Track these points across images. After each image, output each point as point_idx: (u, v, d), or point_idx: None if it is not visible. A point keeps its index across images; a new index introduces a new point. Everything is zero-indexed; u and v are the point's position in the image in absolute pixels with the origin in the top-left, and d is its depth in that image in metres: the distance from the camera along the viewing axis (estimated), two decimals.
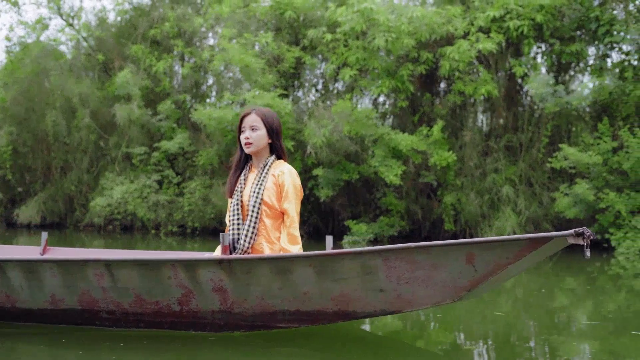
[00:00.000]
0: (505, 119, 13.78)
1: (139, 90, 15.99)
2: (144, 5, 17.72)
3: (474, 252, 3.74)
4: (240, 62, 13.84)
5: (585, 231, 3.46)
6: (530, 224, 12.58)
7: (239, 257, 4.05)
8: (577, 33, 13.18)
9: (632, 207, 11.50)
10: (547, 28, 12.84)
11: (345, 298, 4.02)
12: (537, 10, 12.60)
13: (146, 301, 4.28)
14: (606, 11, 12.67)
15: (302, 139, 13.65)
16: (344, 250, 3.93)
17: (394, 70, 13.40)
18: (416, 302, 3.95)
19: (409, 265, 3.85)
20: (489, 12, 12.70)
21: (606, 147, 11.93)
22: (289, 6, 14.43)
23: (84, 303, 4.41)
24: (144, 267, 4.20)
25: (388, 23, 12.75)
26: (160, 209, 15.61)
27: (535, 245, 3.63)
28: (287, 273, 4.01)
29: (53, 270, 4.37)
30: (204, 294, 4.16)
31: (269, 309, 4.14)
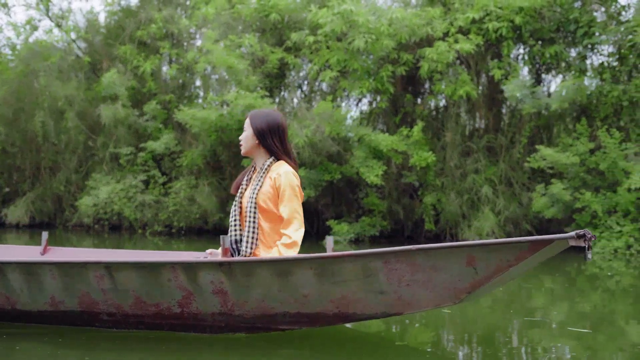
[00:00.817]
0: (486, 120, 13.97)
1: (126, 90, 16.12)
2: (132, 7, 17.84)
3: (474, 255, 3.73)
4: (223, 63, 13.97)
5: (586, 233, 3.46)
6: (509, 223, 12.76)
7: (239, 260, 4.05)
8: (556, 35, 13.35)
9: (609, 207, 11.65)
10: (526, 30, 13.01)
11: (346, 300, 4.01)
12: (516, 12, 12.78)
13: (146, 303, 4.26)
14: (585, 13, 12.88)
15: None
16: (344, 252, 3.91)
17: (374, 72, 13.56)
18: (417, 304, 3.95)
19: (410, 268, 3.84)
20: (469, 14, 12.88)
21: (583, 148, 12.10)
22: (274, 8, 14.55)
23: (84, 305, 4.40)
24: (144, 269, 4.18)
25: (368, 24, 12.87)
26: (146, 209, 15.72)
27: (536, 247, 3.63)
28: (287, 275, 4.00)
29: (53, 272, 4.35)
30: (205, 296, 4.15)
31: (270, 311, 4.12)
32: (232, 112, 13.83)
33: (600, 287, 7.73)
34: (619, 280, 8.30)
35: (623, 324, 5.45)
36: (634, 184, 11.09)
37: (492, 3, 12.79)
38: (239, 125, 14.02)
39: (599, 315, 5.76)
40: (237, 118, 13.81)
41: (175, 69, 16.06)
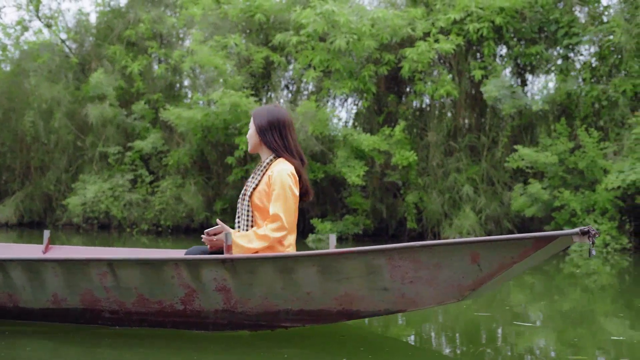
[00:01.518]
0: (469, 120, 14.09)
1: (114, 90, 16.21)
2: (121, 8, 17.94)
3: (478, 252, 3.72)
4: (208, 63, 14.04)
5: (590, 230, 3.45)
6: (491, 222, 12.86)
7: (242, 257, 4.03)
8: (538, 35, 13.48)
9: (588, 206, 11.75)
10: (507, 30, 13.14)
11: (349, 297, 3.99)
12: (497, 12, 12.90)
13: (149, 300, 4.26)
14: (565, 13, 13.02)
15: None
16: (347, 249, 3.91)
17: (356, 72, 13.65)
18: (420, 301, 3.92)
19: (413, 265, 3.83)
20: (450, 15, 13.00)
21: (562, 147, 12.22)
22: (259, 9, 14.63)
23: (87, 302, 4.41)
24: (146, 267, 4.19)
25: (349, 25, 12.97)
26: (133, 208, 15.79)
27: (540, 244, 3.62)
28: (290, 272, 3.99)
29: (55, 269, 4.35)
30: (207, 294, 4.14)
31: (273, 308, 4.12)
32: (217, 112, 13.88)
33: (578, 285, 7.80)
34: (596, 279, 8.39)
35: (602, 321, 5.52)
36: (610, 183, 11.20)
37: (473, 4, 12.91)
38: (225, 125, 14.16)
39: (578, 313, 5.83)
40: (223, 117, 13.88)
41: (163, 68, 16.09)
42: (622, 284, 8.23)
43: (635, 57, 12.32)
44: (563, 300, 6.68)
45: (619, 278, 8.69)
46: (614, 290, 7.62)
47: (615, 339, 4.68)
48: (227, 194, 15.30)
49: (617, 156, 11.80)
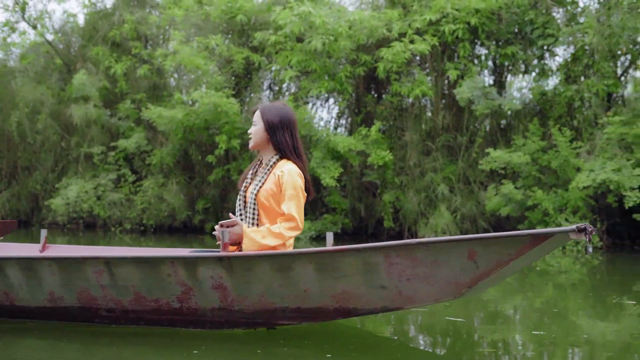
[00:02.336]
0: (445, 120, 14.22)
1: (97, 91, 16.32)
2: (107, 9, 18.08)
3: (475, 249, 3.69)
4: (190, 63, 14.15)
5: (587, 227, 3.42)
6: (467, 221, 12.99)
7: (238, 254, 4.00)
8: (514, 36, 13.64)
9: (560, 205, 11.89)
10: (482, 31, 13.28)
11: (346, 295, 3.97)
12: (472, 14, 13.03)
13: (146, 298, 4.25)
14: (541, 15, 13.18)
15: (248, 138, 13.83)
16: (344, 247, 3.87)
17: (333, 72, 13.73)
18: (417, 299, 3.91)
19: (410, 262, 3.80)
20: (426, 16, 13.12)
21: (535, 147, 12.37)
22: (240, 10, 14.74)
23: (83, 301, 4.39)
24: (143, 265, 4.17)
25: (326, 26, 13.06)
26: (115, 207, 15.90)
27: (537, 241, 3.59)
28: (287, 270, 3.97)
29: (52, 267, 4.34)
30: (204, 291, 4.12)
31: (270, 306, 4.10)
32: (197, 111, 13.99)
33: (550, 282, 7.89)
34: (567, 277, 8.50)
35: (574, 317, 5.58)
36: (581, 182, 11.33)
37: (449, 5, 13.04)
38: (206, 125, 14.25)
39: (551, 309, 5.90)
40: (204, 117, 14.02)
41: (146, 69, 16.11)
42: (593, 281, 8.37)
43: (607, 58, 12.52)
44: (536, 295, 6.76)
45: (590, 276, 8.82)
46: (585, 287, 7.74)
47: (586, 335, 4.77)
48: (209, 194, 15.42)
49: (591, 156, 11.95)
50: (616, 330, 4.99)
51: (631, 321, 5.40)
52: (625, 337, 4.74)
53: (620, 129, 11.62)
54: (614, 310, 5.92)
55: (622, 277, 8.86)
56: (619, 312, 5.80)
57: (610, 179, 11.10)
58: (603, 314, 5.75)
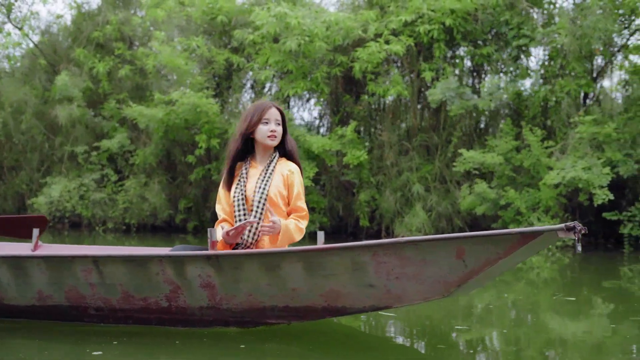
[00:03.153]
0: (422, 120, 14.33)
1: (81, 91, 16.41)
2: (92, 11, 18.20)
3: (464, 247, 3.66)
4: (170, 63, 14.26)
5: (576, 225, 3.41)
6: (443, 220, 13.08)
7: (227, 253, 4.00)
8: (489, 36, 13.78)
9: (532, 204, 11.98)
10: (458, 32, 13.37)
11: (335, 294, 3.96)
12: (447, 15, 13.11)
13: (134, 297, 4.24)
14: (516, 15, 13.28)
15: (227, 137, 14.06)
16: (332, 245, 3.88)
17: (309, 72, 13.80)
18: (406, 297, 3.88)
19: (399, 261, 3.77)
20: (402, 17, 13.21)
21: (508, 147, 12.47)
22: (221, 11, 14.83)
23: (72, 299, 4.38)
24: (131, 263, 4.16)
25: (301, 27, 13.13)
26: (98, 207, 16.02)
27: (525, 239, 3.56)
28: (275, 269, 3.95)
29: (40, 266, 4.33)
30: (192, 290, 4.11)
31: (258, 305, 4.09)
32: (177, 111, 14.07)
33: (523, 279, 7.98)
34: (539, 273, 8.59)
35: (545, 315, 5.62)
36: (550, 180, 11.45)
37: (425, 6, 13.13)
38: (186, 125, 14.40)
39: (524, 306, 5.96)
40: (184, 117, 14.14)
41: (128, 69, 16.18)
42: (565, 279, 8.48)
43: (580, 59, 12.69)
44: (509, 291, 6.85)
45: (561, 274, 8.94)
46: (556, 284, 7.85)
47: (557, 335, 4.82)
48: (191, 193, 15.55)
49: (564, 155, 12.08)
50: (587, 329, 5.03)
51: (601, 320, 5.45)
52: (597, 336, 4.79)
53: (592, 128, 11.75)
54: (585, 308, 6.00)
55: (593, 275, 8.95)
56: (589, 311, 5.88)
57: (580, 177, 11.20)
58: (574, 312, 5.78)
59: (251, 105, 4.57)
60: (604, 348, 4.39)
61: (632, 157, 11.77)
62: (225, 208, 4.42)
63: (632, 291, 7.28)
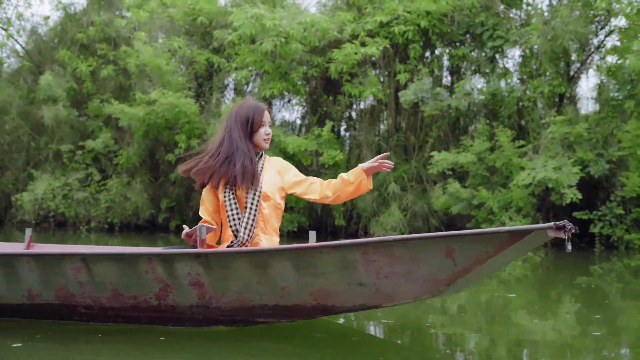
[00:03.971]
0: (399, 120, 14.43)
1: (65, 92, 16.58)
2: (77, 12, 18.36)
3: (453, 246, 3.65)
4: (151, 63, 14.41)
5: (566, 224, 3.41)
6: (419, 219, 13.20)
7: (216, 251, 3.99)
8: (465, 38, 13.92)
9: (505, 203, 12.10)
10: (433, 33, 13.50)
11: (324, 292, 3.95)
12: (422, 16, 13.24)
13: (124, 295, 4.23)
14: (491, 17, 13.42)
15: (207, 138, 14.18)
16: (321, 243, 3.85)
17: (286, 73, 13.87)
18: (396, 296, 3.87)
19: (388, 259, 3.77)
20: (377, 18, 13.30)
21: (482, 147, 12.59)
22: (201, 12, 14.99)
23: (61, 298, 4.37)
24: (120, 261, 4.15)
25: (278, 28, 13.22)
26: (82, 206, 16.17)
27: (515, 238, 3.55)
28: (265, 267, 3.94)
29: (30, 264, 4.32)
30: (182, 289, 4.10)
31: (248, 303, 4.08)
32: (157, 111, 14.23)
33: (495, 277, 7.99)
34: (511, 272, 8.64)
35: (516, 314, 5.70)
36: (521, 180, 11.56)
37: (401, 7, 13.25)
38: (166, 124, 14.56)
39: (495, 305, 6.01)
40: (164, 117, 14.30)
41: (111, 69, 16.35)
42: (537, 277, 8.56)
43: (552, 59, 12.85)
44: (481, 290, 6.87)
45: (533, 272, 9.01)
46: (528, 281, 7.93)
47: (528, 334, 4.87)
48: (173, 192, 15.73)
49: (537, 155, 12.21)
50: (557, 328, 5.07)
51: (571, 319, 5.53)
52: (567, 334, 4.84)
53: (563, 128, 11.90)
54: (555, 307, 6.04)
55: (565, 274, 9.01)
56: (560, 309, 5.94)
57: (549, 177, 11.33)
58: (544, 311, 5.83)
59: (241, 106, 4.51)
60: (574, 346, 4.45)
61: (603, 156, 11.92)
62: (208, 209, 4.44)
63: (603, 289, 7.34)
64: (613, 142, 11.99)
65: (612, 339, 4.71)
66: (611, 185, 12.12)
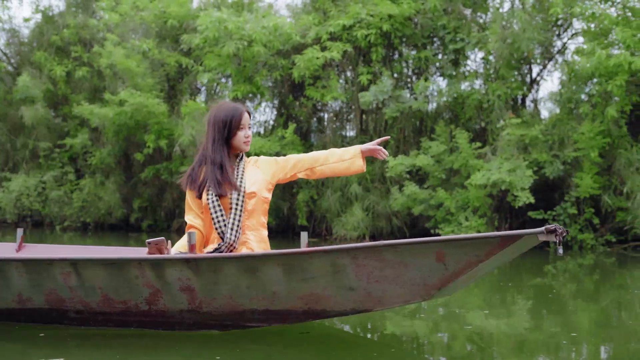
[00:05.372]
0: (361, 122, 14.59)
1: (42, 93, 16.83)
2: (54, 15, 18.50)
3: (444, 250, 3.66)
4: (120, 64, 14.59)
5: (557, 228, 3.40)
6: (382, 219, 13.33)
7: (206, 256, 3.99)
8: (428, 40, 14.09)
9: (462, 204, 12.25)
10: (395, 36, 13.67)
11: (315, 297, 3.95)
12: (385, 20, 13.39)
13: (114, 300, 4.21)
14: (453, 20, 13.60)
15: (174, 139, 14.43)
16: (312, 248, 3.87)
17: (250, 76, 13.96)
18: (386, 300, 3.88)
19: (378, 264, 3.78)
20: (340, 21, 13.45)
21: (441, 148, 12.75)
22: (171, 15, 15.11)
23: (51, 302, 4.35)
24: (110, 266, 4.12)
25: (241, 32, 13.37)
26: (56, 205, 16.39)
27: (506, 242, 3.57)
28: (255, 272, 3.94)
29: (19, 269, 4.30)
30: (172, 293, 4.09)
31: (238, 308, 4.07)
32: (126, 111, 14.42)
33: None
34: None
35: (471, 313, 5.73)
36: (476, 181, 11.70)
37: (364, 11, 13.40)
38: (136, 125, 14.75)
39: (451, 301, 6.05)
40: (134, 117, 14.52)
41: (85, 71, 16.57)
42: (492, 276, 8.70)
43: (509, 63, 13.07)
44: None
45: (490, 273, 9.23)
46: (483, 281, 7.99)
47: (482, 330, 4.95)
48: (145, 192, 15.95)
49: (494, 157, 12.39)
50: (510, 325, 5.15)
51: (524, 316, 5.61)
52: (520, 332, 4.92)
53: (519, 130, 12.07)
54: (509, 305, 6.15)
55: (519, 274, 9.04)
56: (513, 308, 6.03)
57: (503, 179, 11.50)
58: (499, 309, 5.92)
59: (218, 109, 4.47)
60: (527, 343, 4.50)
61: (559, 158, 12.13)
62: (198, 215, 4.39)
63: (555, 289, 7.43)
64: (569, 143, 12.19)
65: (566, 335, 4.79)
66: (566, 186, 12.30)
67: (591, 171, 11.84)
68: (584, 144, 11.82)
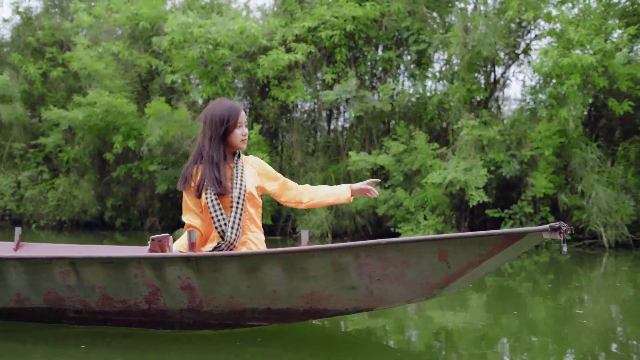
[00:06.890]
0: (327, 122, 14.84)
1: (19, 92, 17.02)
2: (32, 17, 18.65)
3: (446, 249, 3.62)
4: (90, 66, 14.79)
5: (561, 226, 3.36)
6: (346, 218, 13.46)
7: (206, 255, 3.92)
8: (392, 42, 14.24)
9: (421, 203, 12.38)
10: (359, 37, 13.83)
11: (316, 296, 3.91)
12: (349, 21, 13.56)
13: (113, 299, 4.18)
14: (416, 22, 13.76)
15: (142, 139, 14.52)
16: (313, 247, 3.80)
17: (216, 78, 14.10)
18: (389, 299, 3.86)
19: (380, 262, 3.74)
20: (305, 23, 13.59)
21: (397, 149, 12.89)
22: (142, 17, 15.22)
23: (50, 302, 4.33)
24: (109, 265, 4.08)
25: (207, 35, 13.53)
26: (31, 204, 16.56)
27: (509, 241, 3.53)
28: (255, 271, 3.90)
29: (18, 268, 4.28)
30: (172, 292, 4.05)
31: (238, 307, 4.03)
32: (95, 112, 14.57)
33: None
34: None
35: (430, 308, 5.75)
36: (431, 179, 11.88)
37: (329, 13, 13.57)
38: (106, 125, 14.91)
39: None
40: (104, 118, 14.69)
41: (61, 71, 16.74)
42: None
43: (470, 65, 13.26)
44: None
45: None
46: None
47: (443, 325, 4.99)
48: (119, 191, 16.15)
49: (454, 156, 12.53)
50: (469, 322, 5.14)
51: (482, 314, 5.63)
52: (479, 327, 4.92)
53: (477, 131, 12.24)
54: (468, 303, 6.16)
55: None
56: (472, 305, 6.05)
57: (458, 178, 11.66)
58: (457, 306, 5.92)
59: (215, 107, 4.39)
60: (486, 338, 4.55)
61: (516, 157, 12.30)
62: (197, 214, 4.35)
63: (512, 287, 7.50)
64: (526, 143, 12.38)
65: (524, 330, 4.89)
66: (523, 185, 12.49)
67: (547, 171, 12.01)
68: (540, 143, 12.00)
